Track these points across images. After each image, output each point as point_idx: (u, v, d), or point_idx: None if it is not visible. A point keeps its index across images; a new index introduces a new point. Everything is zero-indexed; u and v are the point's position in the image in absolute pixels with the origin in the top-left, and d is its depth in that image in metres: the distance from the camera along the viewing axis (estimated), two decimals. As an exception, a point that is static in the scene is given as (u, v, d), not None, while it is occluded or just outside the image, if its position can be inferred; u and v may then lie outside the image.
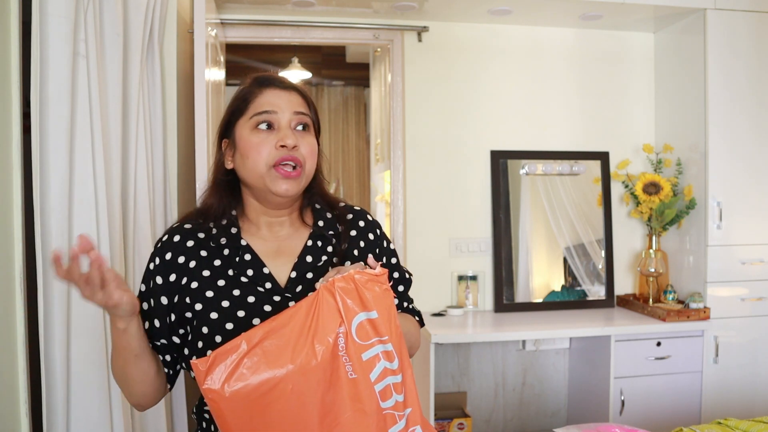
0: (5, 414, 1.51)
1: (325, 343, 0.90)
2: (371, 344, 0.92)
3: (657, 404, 2.52)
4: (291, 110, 1.05)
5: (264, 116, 1.04)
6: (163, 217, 2.05)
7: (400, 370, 0.94)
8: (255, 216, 1.10)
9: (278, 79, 1.09)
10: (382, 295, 0.93)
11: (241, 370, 0.87)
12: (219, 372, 0.87)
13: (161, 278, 1.05)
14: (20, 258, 1.57)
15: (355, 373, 0.90)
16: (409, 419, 0.95)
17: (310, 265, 1.08)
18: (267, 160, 1.02)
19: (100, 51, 1.72)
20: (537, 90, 2.90)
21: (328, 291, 0.92)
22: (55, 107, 1.57)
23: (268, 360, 0.88)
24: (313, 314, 0.91)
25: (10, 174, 1.56)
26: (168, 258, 1.05)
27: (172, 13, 2.11)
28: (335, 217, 1.14)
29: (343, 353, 0.90)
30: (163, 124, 2.06)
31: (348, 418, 0.90)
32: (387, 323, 0.93)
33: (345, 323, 0.91)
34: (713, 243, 2.57)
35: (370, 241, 1.16)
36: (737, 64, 2.58)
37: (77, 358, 1.63)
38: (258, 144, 1.03)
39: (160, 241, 1.08)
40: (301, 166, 1.04)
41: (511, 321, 2.63)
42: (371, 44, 2.91)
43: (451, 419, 2.71)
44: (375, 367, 0.91)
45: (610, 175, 2.91)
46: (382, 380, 0.92)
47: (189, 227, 1.08)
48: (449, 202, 2.85)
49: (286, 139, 1.02)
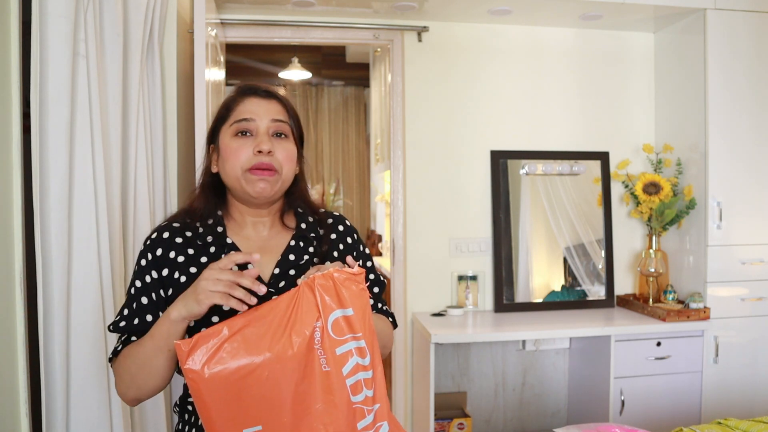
0: (5, 414, 1.52)
1: (302, 335, 0.94)
2: (345, 340, 0.96)
3: (657, 404, 2.52)
4: (269, 118, 1.12)
5: (243, 124, 1.11)
6: (163, 217, 2.05)
7: (371, 367, 0.99)
8: (239, 216, 1.18)
9: (260, 88, 1.16)
10: (358, 294, 0.98)
11: (221, 354, 0.92)
12: (200, 354, 0.92)
13: (156, 272, 1.10)
14: (20, 258, 1.57)
15: (328, 366, 0.95)
16: (377, 414, 0.99)
17: (292, 263, 1.14)
18: (243, 164, 1.10)
19: (100, 51, 1.72)
20: (537, 90, 2.91)
21: (309, 287, 0.97)
22: (55, 107, 1.57)
23: (247, 346, 0.93)
24: (293, 307, 0.96)
25: (10, 174, 1.56)
26: (159, 253, 1.11)
27: (172, 13, 2.11)
28: (316, 221, 1.21)
29: (319, 346, 0.95)
30: (163, 124, 2.06)
31: (319, 408, 0.95)
32: (361, 321, 0.98)
33: (322, 318, 0.96)
34: (713, 243, 2.57)
35: (348, 244, 1.23)
36: (737, 64, 2.58)
37: (77, 358, 1.63)
38: (237, 149, 1.10)
39: (149, 238, 1.13)
40: (276, 171, 1.11)
41: (511, 321, 2.63)
42: (371, 44, 2.91)
43: (451, 419, 2.71)
44: (348, 362, 0.96)
45: (610, 175, 2.91)
46: (353, 375, 0.96)
47: (177, 225, 1.14)
48: (449, 202, 2.85)
49: (262, 144, 1.09)
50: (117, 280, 1.75)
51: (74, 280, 1.63)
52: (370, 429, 0.98)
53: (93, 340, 1.65)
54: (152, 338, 1.02)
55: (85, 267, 1.64)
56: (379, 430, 0.99)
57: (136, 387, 1.06)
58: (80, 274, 1.64)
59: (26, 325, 1.59)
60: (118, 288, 1.75)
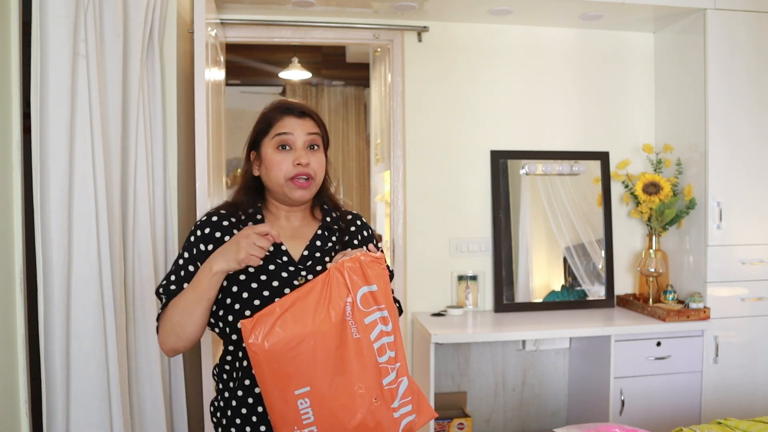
0: (5, 414, 1.52)
1: (337, 309, 1.14)
2: (372, 311, 1.16)
3: (657, 404, 2.52)
4: (305, 132, 1.33)
5: (283, 137, 1.32)
6: (163, 217, 2.05)
7: (392, 332, 1.19)
8: (275, 210, 1.39)
9: (296, 107, 1.35)
10: (381, 272, 1.18)
11: (276, 329, 1.12)
12: (260, 330, 1.11)
13: (203, 246, 1.30)
14: (20, 258, 1.57)
15: (359, 334, 1.15)
16: (398, 371, 1.19)
17: (319, 248, 1.35)
18: (286, 174, 1.31)
19: (100, 51, 1.72)
20: (537, 90, 2.91)
21: (338, 270, 1.16)
22: (55, 107, 1.57)
23: (295, 321, 1.13)
24: (326, 287, 1.16)
25: (10, 174, 1.56)
26: (207, 232, 1.31)
27: (172, 13, 2.11)
28: (339, 216, 1.43)
29: (350, 318, 1.15)
30: (163, 124, 2.06)
31: (353, 368, 1.14)
32: (384, 295, 1.18)
33: (351, 294, 1.16)
34: (713, 243, 2.57)
35: (364, 237, 1.45)
36: (737, 64, 2.58)
37: (77, 358, 1.63)
38: (279, 162, 1.31)
39: (200, 220, 1.35)
40: (313, 178, 1.33)
41: (511, 321, 2.63)
42: (371, 44, 2.91)
43: (451, 419, 2.71)
44: (374, 329, 1.16)
45: (610, 175, 2.91)
46: (379, 340, 1.16)
47: (224, 213, 1.35)
48: (449, 202, 2.85)
49: (301, 158, 1.31)
50: (117, 280, 1.75)
51: (74, 279, 1.63)
52: (393, 384, 1.17)
53: (93, 340, 1.65)
54: (194, 289, 1.21)
55: (85, 267, 1.64)
56: (400, 385, 1.18)
57: (176, 335, 1.24)
58: (80, 273, 1.64)
59: (26, 325, 1.59)
60: (117, 288, 1.75)
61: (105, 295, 1.68)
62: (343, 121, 6.12)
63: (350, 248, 1.39)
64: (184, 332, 1.23)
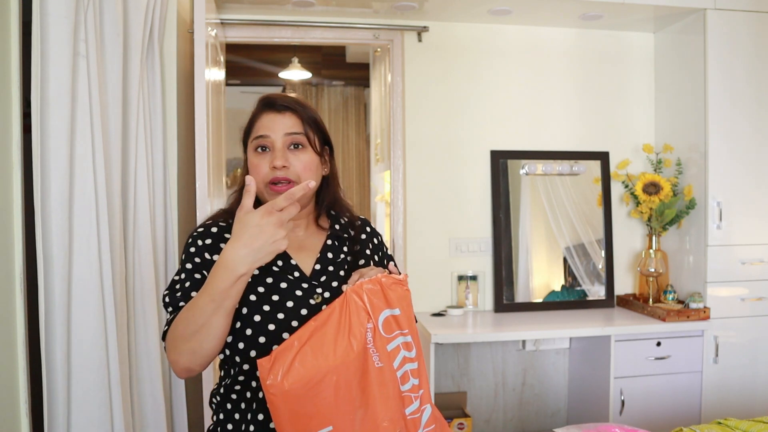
0: (5, 414, 1.52)
1: (359, 337, 1.04)
2: (394, 336, 1.08)
3: (657, 404, 2.52)
4: (282, 132, 1.17)
5: (260, 140, 1.18)
6: (163, 217, 2.05)
7: (416, 358, 1.10)
8: None
9: (277, 102, 1.20)
10: (403, 295, 1.10)
11: (295, 365, 1.00)
12: (279, 368, 1.00)
13: (209, 255, 1.14)
14: (20, 258, 1.57)
15: (381, 362, 1.05)
16: (422, 399, 1.10)
17: (330, 260, 1.22)
18: (263, 179, 1.16)
19: (100, 51, 1.72)
20: (537, 90, 2.91)
21: (356, 293, 1.07)
22: (56, 107, 1.57)
23: (315, 355, 1.01)
24: (345, 313, 1.05)
25: (10, 174, 1.56)
26: (209, 242, 1.16)
27: (172, 13, 2.11)
28: (348, 222, 1.30)
29: (371, 345, 1.05)
30: (163, 124, 2.06)
31: (375, 400, 1.04)
32: (407, 319, 1.09)
33: (372, 319, 1.06)
34: (713, 243, 2.57)
35: (375, 244, 1.33)
36: (737, 64, 2.58)
37: (77, 358, 1.63)
38: (257, 165, 1.18)
39: (196, 231, 1.19)
40: (294, 182, 1.16)
41: (511, 321, 2.63)
42: (371, 44, 2.91)
43: (451, 419, 2.71)
44: (397, 356, 1.07)
45: (610, 175, 2.91)
46: (402, 367, 1.08)
47: (223, 225, 1.19)
48: (449, 202, 2.85)
49: (275, 160, 1.15)
50: (117, 280, 1.75)
51: (75, 279, 1.63)
52: (417, 413, 1.08)
53: (94, 340, 1.65)
54: (210, 297, 1.00)
55: (85, 267, 1.64)
56: (423, 413, 1.10)
57: (191, 352, 1.04)
58: (81, 273, 1.64)
59: (26, 325, 1.59)
60: (118, 288, 1.75)
61: (105, 295, 1.67)
62: (343, 121, 6.12)
63: (362, 259, 1.27)
64: (201, 348, 1.03)
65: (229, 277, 0.98)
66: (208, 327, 1.02)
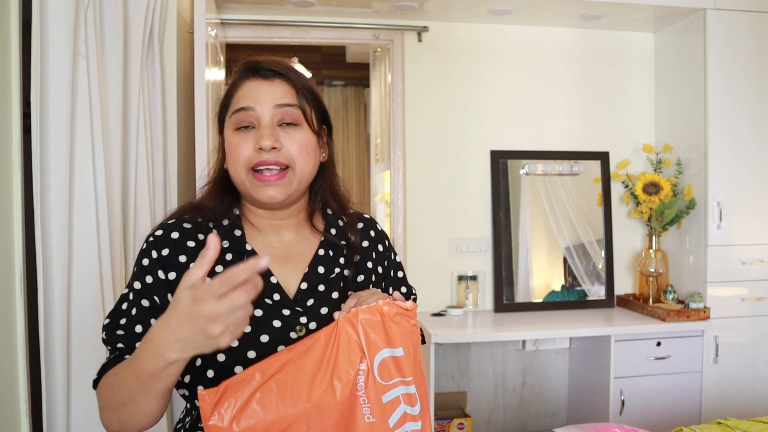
0: (5, 414, 1.51)
1: (345, 380, 0.80)
2: (393, 385, 0.84)
3: (657, 404, 2.52)
4: (272, 103, 0.93)
5: (241, 115, 0.92)
6: (163, 217, 2.05)
7: (420, 417, 0.85)
8: (256, 219, 0.99)
9: (262, 66, 0.96)
10: (410, 331, 0.86)
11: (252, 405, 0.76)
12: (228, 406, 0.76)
13: (163, 274, 0.92)
14: (20, 258, 1.57)
15: (373, 417, 0.82)
16: None
17: (322, 277, 0.97)
18: (246, 164, 0.92)
19: (100, 51, 1.72)
20: (537, 90, 2.90)
21: (349, 322, 0.84)
22: (55, 107, 1.57)
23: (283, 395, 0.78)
24: (332, 346, 0.82)
25: (10, 174, 1.56)
26: (165, 254, 0.92)
27: (172, 13, 2.11)
28: (346, 224, 1.04)
29: (362, 393, 0.82)
30: (163, 124, 2.06)
31: None
32: (412, 363, 0.85)
33: (367, 359, 0.83)
34: (713, 243, 2.57)
35: (380, 252, 1.08)
36: (737, 64, 2.58)
37: (77, 358, 1.63)
38: (237, 146, 0.92)
39: (153, 235, 0.95)
40: (290, 167, 0.93)
41: (511, 321, 2.63)
42: (371, 44, 2.91)
43: (451, 419, 2.70)
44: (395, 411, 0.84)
45: (610, 175, 2.91)
46: (400, 426, 0.84)
47: (188, 227, 0.96)
48: (449, 202, 2.85)
49: (263, 140, 0.90)
50: (117, 280, 1.75)
51: (74, 279, 1.63)
52: None
53: (93, 340, 1.65)
54: (137, 377, 0.78)
55: (85, 266, 1.64)
56: None
57: (119, 421, 0.85)
58: (80, 273, 1.64)
59: (26, 325, 1.59)
60: (118, 287, 1.75)
61: (105, 295, 1.67)
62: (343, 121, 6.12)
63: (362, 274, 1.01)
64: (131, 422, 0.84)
65: (157, 361, 0.74)
66: (135, 405, 0.81)
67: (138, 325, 0.91)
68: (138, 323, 0.91)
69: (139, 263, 0.94)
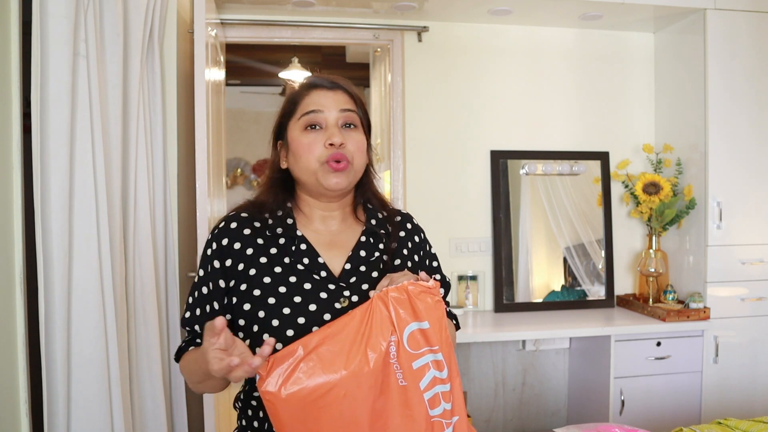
0: (5, 414, 1.52)
1: (378, 350, 0.93)
2: (422, 353, 0.96)
3: (657, 404, 2.52)
4: (337, 108, 1.11)
5: (311, 116, 1.10)
6: (163, 217, 2.05)
7: (449, 380, 0.97)
8: (309, 210, 1.16)
9: (325, 80, 1.14)
10: (434, 306, 0.98)
11: (297, 374, 0.91)
12: (276, 375, 0.91)
13: (218, 262, 1.09)
14: (20, 258, 1.57)
15: (405, 381, 0.94)
16: (456, 427, 0.98)
17: (363, 259, 1.12)
18: (318, 158, 1.09)
19: (100, 51, 1.72)
20: (537, 90, 2.90)
21: (382, 300, 0.96)
22: (56, 107, 1.57)
23: (323, 365, 0.92)
24: (366, 322, 0.95)
25: (10, 174, 1.56)
26: (225, 243, 1.10)
27: (172, 13, 2.11)
28: (385, 217, 1.19)
29: (395, 361, 0.94)
30: (163, 124, 2.06)
31: (397, 424, 0.94)
32: (438, 333, 0.97)
33: (397, 332, 0.95)
34: (713, 243, 2.57)
35: (416, 243, 1.23)
36: (737, 64, 2.58)
37: (78, 358, 1.63)
38: (309, 144, 1.09)
39: (217, 227, 1.13)
40: (350, 162, 1.10)
41: (511, 321, 2.63)
42: (371, 44, 2.91)
43: (451, 419, 2.70)
44: (425, 376, 0.95)
45: (610, 175, 2.91)
46: (431, 388, 0.95)
47: (245, 216, 1.13)
48: (449, 202, 2.85)
49: (333, 137, 1.08)
50: (117, 280, 1.75)
51: (75, 279, 1.63)
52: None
53: (94, 340, 1.65)
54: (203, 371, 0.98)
55: (85, 267, 1.64)
56: None
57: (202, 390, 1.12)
58: (80, 273, 1.64)
59: (26, 325, 1.59)
60: (118, 288, 1.75)
61: (105, 295, 1.68)
62: (343, 121, 6.11)
63: (398, 258, 1.17)
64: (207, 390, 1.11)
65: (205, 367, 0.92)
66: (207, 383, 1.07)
67: (198, 308, 1.11)
68: (198, 307, 1.11)
69: (204, 253, 1.13)
